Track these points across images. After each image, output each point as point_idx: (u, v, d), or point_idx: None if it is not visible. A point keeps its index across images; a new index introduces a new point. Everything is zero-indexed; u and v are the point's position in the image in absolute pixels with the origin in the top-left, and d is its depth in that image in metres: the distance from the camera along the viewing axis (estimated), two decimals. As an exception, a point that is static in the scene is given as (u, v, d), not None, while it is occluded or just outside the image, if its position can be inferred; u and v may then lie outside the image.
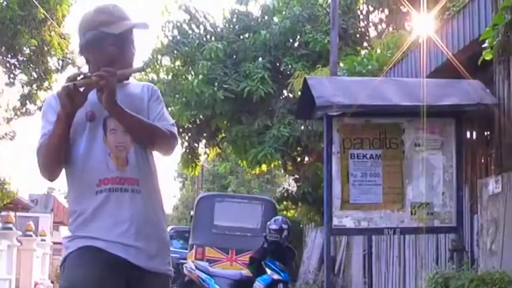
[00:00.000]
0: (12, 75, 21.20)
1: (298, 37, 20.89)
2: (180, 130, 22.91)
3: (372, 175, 7.64)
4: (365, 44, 21.25)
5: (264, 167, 21.93)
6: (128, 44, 3.50)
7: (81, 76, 3.31)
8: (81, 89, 3.26)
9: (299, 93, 14.23)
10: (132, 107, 3.38)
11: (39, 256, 23.54)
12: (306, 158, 22.10)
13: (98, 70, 3.30)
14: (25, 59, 21.16)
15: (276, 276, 10.35)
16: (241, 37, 21.41)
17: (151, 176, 3.44)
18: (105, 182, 3.30)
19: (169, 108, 21.34)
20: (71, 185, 3.40)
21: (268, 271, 10.41)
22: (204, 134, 23.11)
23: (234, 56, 20.82)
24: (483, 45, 7.31)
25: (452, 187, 7.73)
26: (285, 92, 20.92)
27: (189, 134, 23.34)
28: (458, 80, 7.89)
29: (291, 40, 21.11)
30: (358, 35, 21.11)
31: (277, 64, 20.80)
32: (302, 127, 18.82)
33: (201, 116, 21.12)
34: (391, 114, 7.70)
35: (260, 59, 20.64)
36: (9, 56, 21.03)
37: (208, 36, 21.50)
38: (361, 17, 21.45)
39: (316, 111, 7.75)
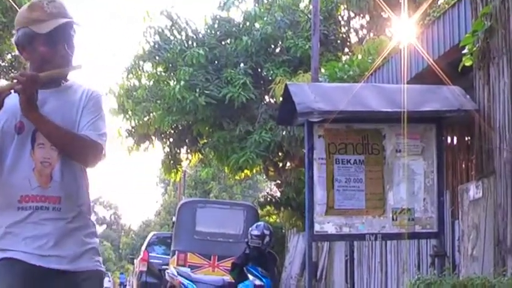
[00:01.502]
0: (-7, 81, 21.11)
1: (280, 43, 20.94)
2: (162, 136, 22.89)
3: (355, 181, 7.65)
4: (346, 49, 21.33)
5: (246, 172, 21.95)
6: (61, 43, 3.28)
7: None
8: None
9: (280, 99, 14.25)
10: (65, 114, 3.25)
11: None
12: (288, 163, 22.11)
13: (35, 70, 3.20)
14: (7, 64, 21.09)
15: (258, 282, 10.33)
16: (223, 43, 21.42)
17: (76, 190, 3.29)
18: (26, 200, 3.19)
19: (151, 114, 21.33)
20: None
21: (250, 277, 10.40)
22: (186, 140, 23.09)
23: (216, 62, 20.83)
24: (463, 51, 7.35)
25: (433, 193, 7.74)
26: (266, 97, 20.94)
27: (171, 140, 23.31)
28: (439, 86, 7.93)
29: (272, 46, 21.15)
30: (339, 41, 21.18)
31: (259, 70, 20.82)
32: (284, 132, 18.83)
33: (182, 122, 21.10)
34: (372, 120, 7.72)
35: (242, 64, 20.66)
36: (-9, 61, 20.97)
37: (190, 42, 21.50)
38: (342, 22, 21.53)
39: (297, 117, 7.76)
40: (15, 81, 3.11)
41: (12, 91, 3.11)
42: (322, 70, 16.51)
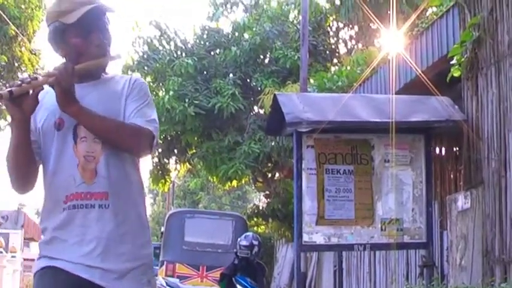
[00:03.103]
0: (-18, 91, 21.06)
1: (269, 53, 20.98)
2: (150, 146, 22.84)
3: (345, 191, 7.65)
4: (335, 60, 21.38)
5: (234, 183, 21.93)
6: (95, 32, 3.09)
7: (27, 79, 2.91)
8: (31, 92, 2.91)
9: (269, 109, 14.25)
10: (108, 105, 3.05)
11: (9, 273, 23.24)
12: (277, 174, 22.12)
13: None
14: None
15: (246, 293, 10.32)
16: (212, 53, 21.46)
17: (128, 187, 3.08)
18: (71, 198, 2.99)
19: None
20: (44, 201, 3.10)
21: (239, 287, 10.38)
22: (175, 150, 23.06)
23: (205, 72, 20.85)
24: (451, 62, 7.37)
25: (421, 203, 7.76)
26: (255, 108, 20.98)
27: (159, 150, 23.27)
28: (427, 97, 7.95)
29: (261, 56, 21.20)
30: (328, 52, 21.24)
31: (248, 80, 20.85)
32: (272, 143, 18.84)
33: (171, 132, 21.08)
34: (361, 131, 7.73)
35: (231, 75, 20.68)
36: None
37: (178, 52, 21.52)
38: (331, 33, 21.60)
39: (286, 127, 7.76)
40: (40, 78, 2.95)
41: (45, 86, 2.96)
42: (311, 81, 16.53)
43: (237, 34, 21.61)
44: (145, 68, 21.43)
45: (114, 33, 3.20)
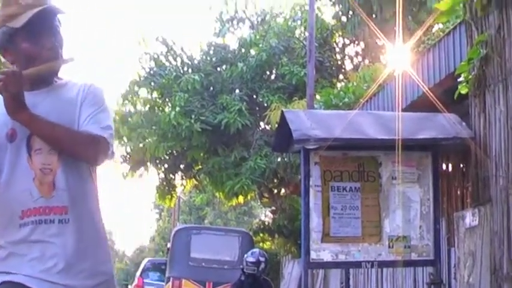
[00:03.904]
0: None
1: (275, 69, 21.05)
2: (157, 162, 22.89)
3: (351, 208, 7.63)
4: (341, 76, 21.43)
5: (240, 198, 21.94)
6: (45, 35, 2.94)
7: None
8: None
9: (276, 125, 14.24)
10: (61, 113, 2.91)
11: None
12: (283, 190, 22.12)
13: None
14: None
15: (253, 310, 10.30)
16: (218, 69, 21.53)
17: (87, 199, 2.96)
18: (28, 214, 2.84)
19: (146, 140, 21.35)
20: None
21: (246, 304, 10.36)
22: (181, 166, 23.11)
23: (211, 88, 20.91)
24: (459, 79, 7.37)
25: (429, 220, 7.73)
26: (261, 124, 21.00)
27: (166, 166, 23.30)
28: (435, 114, 7.94)
29: (267, 72, 21.27)
30: (334, 68, 21.31)
31: (254, 96, 20.90)
32: (279, 159, 18.87)
33: (177, 148, 21.10)
34: (368, 148, 7.72)
35: (237, 91, 20.75)
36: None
37: (185, 68, 21.61)
38: (337, 49, 21.67)
39: (293, 144, 7.75)
40: None
41: None
42: (318, 97, 16.56)
43: (243, 50, 21.69)
44: (152, 83, 21.50)
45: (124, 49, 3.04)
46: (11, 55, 2.98)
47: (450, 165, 9.24)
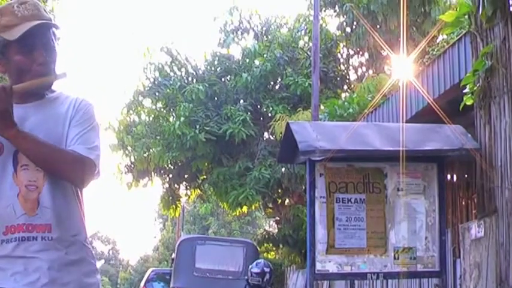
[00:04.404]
0: None
1: (279, 80, 21.09)
2: (161, 172, 22.91)
3: (356, 219, 7.63)
4: (345, 87, 21.45)
5: (244, 208, 21.95)
6: (39, 49, 2.89)
7: None
8: None
9: (280, 135, 14.25)
10: (49, 129, 2.86)
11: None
12: (287, 200, 22.12)
13: (14, 84, 2.82)
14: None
15: (258, 321, 10.30)
16: (223, 79, 21.57)
17: (71, 216, 2.89)
18: (12, 230, 2.78)
19: (151, 150, 21.38)
20: None
21: (251, 315, 10.36)
22: (185, 176, 23.11)
23: (216, 98, 20.95)
24: (464, 91, 7.38)
25: (435, 231, 7.73)
26: (266, 134, 21.03)
27: (170, 176, 23.33)
28: (440, 125, 7.95)
29: (272, 83, 21.30)
30: (338, 78, 21.33)
31: (258, 106, 20.94)
32: (283, 169, 18.89)
33: (182, 158, 21.13)
34: (373, 159, 7.73)
35: (241, 101, 20.79)
36: None
37: (189, 79, 21.66)
38: (341, 60, 21.70)
39: (299, 155, 7.76)
40: None
41: None
42: (322, 107, 16.58)
43: (247, 60, 21.73)
44: (157, 93, 21.55)
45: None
46: (2, 66, 2.94)
47: (455, 176, 9.24)
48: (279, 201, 22.32)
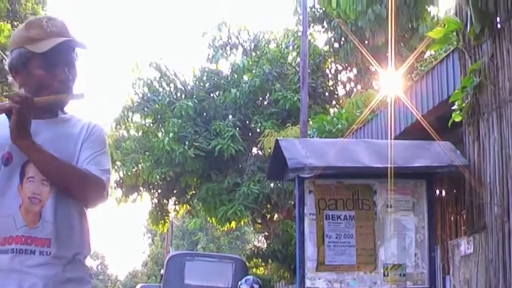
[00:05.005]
0: None
1: (268, 95, 21.12)
2: (150, 187, 22.87)
3: (346, 236, 7.62)
4: (334, 102, 21.50)
5: (233, 224, 21.91)
6: (61, 66, 2.90)
7: None
8: None
9: (269, 151, 14.25)
10: (61, 147, 2.84)
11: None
12: (276, 215, 22.10)
13: None
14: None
15: (247, 338, 10.26)
16: (212, 95, 21.59)
17: (73, 234, 2.84)
18: (9, 241, 2.73)
19: (140, 165, 21.34)
20: None
21: (240, 332, 10.33)
22: (174, 191, 23.08)
23: (205, 114, 20.96)
24: (452, 107, 7.41)
25: (424, 248, 7.73)
26: (255, 149, 21.04)
27: (159, 191, 23.28)
28: (429, 142, 7.97)
29: (260, 98, 21.34)
30: (327, 94, 21.38)
31: (247, 122, 20.96)
32: (272, 184, 18.88)
33: (171, 173, 21.10)
34: (363, 176, 7.73)
35: (230, 117, 20.80)
36: None
37: (178, 94, 21.67)
38: (330, 76, 21.75)
39: (288, 172, 7.75)
40: (6, 102, 2.73)
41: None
42: (311, 123, 16.60)
43: (236, 76, 21.76)
44: (145, 109, 21.54)
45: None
46: (21, 78, 2.92)
47: (444, 192, 9.25)
48: (268, 216, 22.29)
